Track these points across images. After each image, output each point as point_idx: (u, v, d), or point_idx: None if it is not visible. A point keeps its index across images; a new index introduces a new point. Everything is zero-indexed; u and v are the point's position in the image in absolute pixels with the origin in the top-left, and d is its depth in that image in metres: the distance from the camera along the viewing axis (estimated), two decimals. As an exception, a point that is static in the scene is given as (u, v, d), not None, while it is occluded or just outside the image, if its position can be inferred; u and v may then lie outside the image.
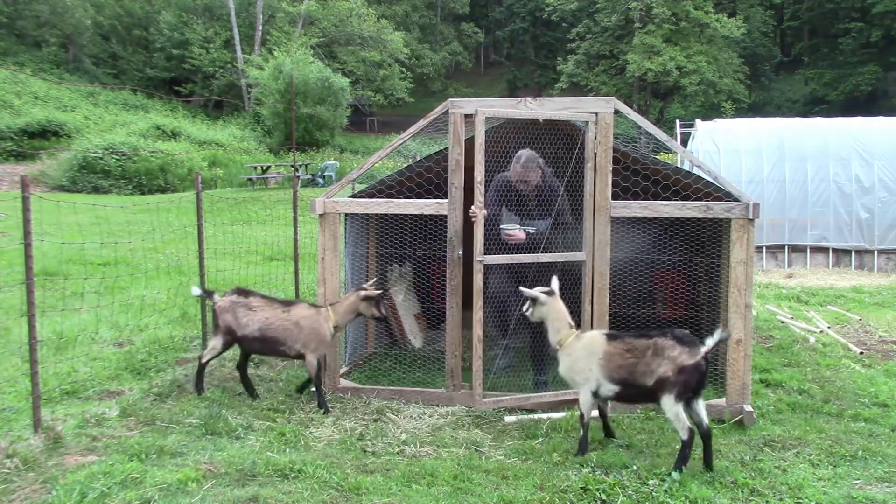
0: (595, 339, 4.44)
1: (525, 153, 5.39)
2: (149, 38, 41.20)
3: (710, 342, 4.08)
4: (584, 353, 4.41)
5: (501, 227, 5.39)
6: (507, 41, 56.89)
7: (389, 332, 6.93)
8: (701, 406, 4.19)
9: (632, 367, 4.22)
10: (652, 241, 6.55)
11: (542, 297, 4.58)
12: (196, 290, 5.68)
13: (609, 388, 4.33)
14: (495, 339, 5.80)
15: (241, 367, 5.50)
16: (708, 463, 4.16)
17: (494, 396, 5.33)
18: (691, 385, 4.07)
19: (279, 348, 5.28)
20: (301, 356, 5.26)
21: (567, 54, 45.19)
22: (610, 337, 4.40)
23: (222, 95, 38.14)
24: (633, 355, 4.23)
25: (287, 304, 5.42)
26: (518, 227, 5.41)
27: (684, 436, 4.06)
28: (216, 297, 5.47)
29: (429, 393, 5.47)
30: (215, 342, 5.35)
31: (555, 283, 4.71)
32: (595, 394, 4.40)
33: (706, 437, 4.16)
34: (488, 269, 5.30)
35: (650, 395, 4.20)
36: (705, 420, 4.18)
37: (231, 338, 5.31)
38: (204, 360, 5.41)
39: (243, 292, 5.43)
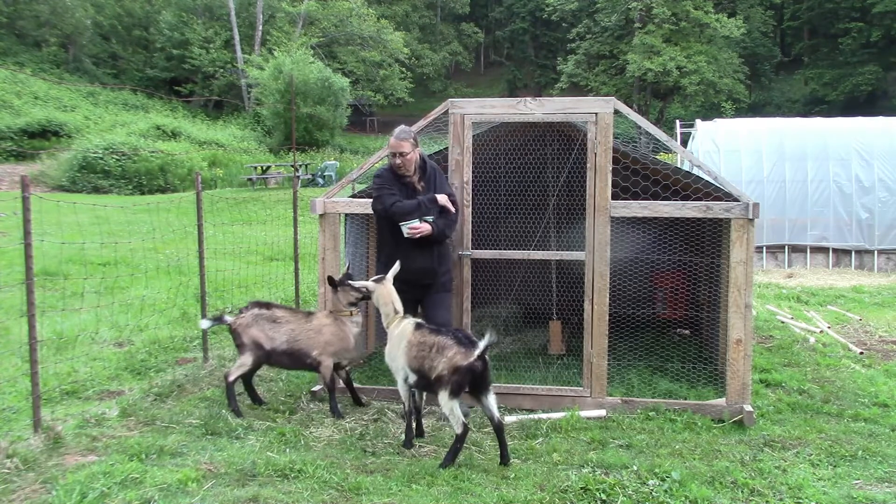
0: (406, 326, 4.50)
1: (399, 127, 5.06)
2: (149, 38, 41.21)
3: (482, 344, 4.12)
4: (396, 339, 4.50)
5: (402, 224, 4.86)
6: (507, 41, 56.85)
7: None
8: (491, 400, 4.25)
9: (422, 359, 4.30)
10: (652, 241, 6.55)
11: (371, 285, 4.71)
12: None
13: (412, 378, 4.40)
14: None
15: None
16: (504, 457, 4.22)
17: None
18: (464, 385, 4.14)
19: None
20: None
21: (567, 54, 45.15)
22: (417, 326, 4.47)
23: (222, 95, 38.13)
24: (422, 349, 4.32)
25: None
26: (417, 220, 4.86)
27: (458, 430, 4.15)
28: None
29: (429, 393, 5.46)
30: None
31: (394, 268, 4.72)
32: (407, 382, 4.46)
33: (498, 430, 4.24)
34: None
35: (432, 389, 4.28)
36: (496, 414, 4.25)
37: None
38: None
39: None
